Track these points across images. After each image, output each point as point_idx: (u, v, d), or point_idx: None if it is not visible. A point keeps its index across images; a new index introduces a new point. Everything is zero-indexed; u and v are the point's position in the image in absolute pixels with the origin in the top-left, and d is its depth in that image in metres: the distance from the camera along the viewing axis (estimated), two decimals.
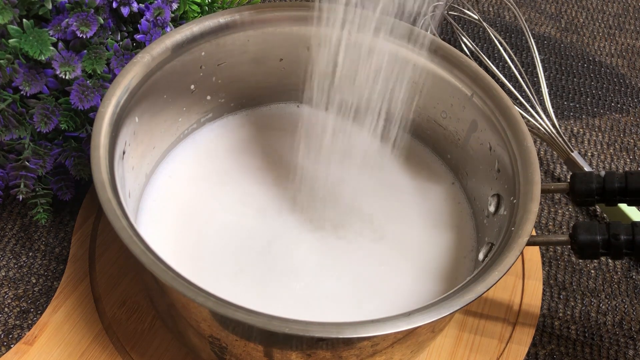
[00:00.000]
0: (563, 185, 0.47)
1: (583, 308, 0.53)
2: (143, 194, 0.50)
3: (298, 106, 0.58)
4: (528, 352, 0.50)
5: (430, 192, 0.53)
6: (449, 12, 0.72)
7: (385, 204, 0.52)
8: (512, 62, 0.69)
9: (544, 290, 0.54)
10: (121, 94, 0.45)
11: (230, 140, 0.55)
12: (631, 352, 0.51)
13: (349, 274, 0.48)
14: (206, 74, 0.52)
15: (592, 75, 0.72)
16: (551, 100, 0.69)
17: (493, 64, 0.65)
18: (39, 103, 0.48)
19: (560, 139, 0.61)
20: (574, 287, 0.55)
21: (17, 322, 0.49)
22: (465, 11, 0.70)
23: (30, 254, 0.53)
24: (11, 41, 0.46)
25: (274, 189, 0.52)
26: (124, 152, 0.45)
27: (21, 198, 0.49)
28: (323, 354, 0.39)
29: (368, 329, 0.36)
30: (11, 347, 0.47)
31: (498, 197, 0.48)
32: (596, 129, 0.67)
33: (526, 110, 0.62)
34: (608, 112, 0.69)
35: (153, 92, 0.48)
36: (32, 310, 0.50)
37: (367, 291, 0.47)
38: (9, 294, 0.50)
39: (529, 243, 0.41)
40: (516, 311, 0.51)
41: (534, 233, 0.57)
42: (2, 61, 0.46)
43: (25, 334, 0.48)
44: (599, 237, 0.42)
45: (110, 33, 0.51)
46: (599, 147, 0.65)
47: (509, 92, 0.63)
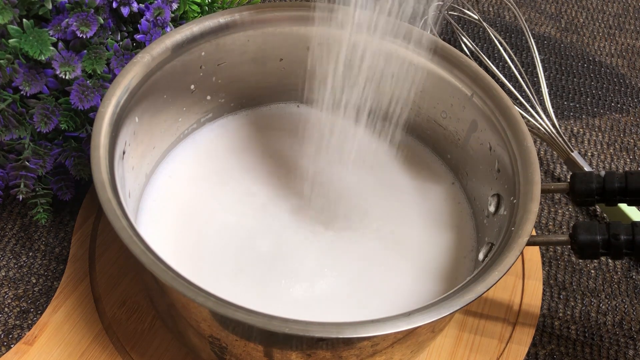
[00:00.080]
0: (563, 185, 0.47)
1: (583, 308, 0.53)
2: (143, 194, 0.50)
3: (298, 106, 0.58)
4: (528, 352, 0.50)
5: (430, 192, 0.53)
6: (449, 12, 0.72)
7: (385, 204, 0.52)
8: (512, 62, 0.69)
9: (544, 290, 0.54)
10: (121, 94, 0.45)
11: (230, 140, 0.55)
12: (631, 352, 0.51)
13: (349, 274, 0.48)
14: (206, 74, 0.52)
15: (592, 75, 0.72)
16: (551, 100, 0.69)
17: (493, 64, 0.65)
18: (39, 103, 0.48)
19: (560, 139, 0.61)
20: (574, 287, 0.55)
21: (17, 322, 0.49)
22: (465, 11, 0.70)
23: (30, 254, 0.53)
24: (11, 41, 0.46)
25: (274, 189, 0.52)
26: (124, 152, 0.45)
27: (21, 198, 0.49)
28: (323, 354, 0.39)
29: (368, 329, 0.36)
30: (11, 347, 0.47)
31: (498, 197, 0.48)
32: (596, 129, 0.67)
33: (526, 110, 0.62)
34: (608, 112, 0.69)
35: (153, 92, 0.48)
36: (32, 310, 0.50)
37: (367, 291, 0.47)
38: (9, 294, 0.50)
39: (529, 243, 0.41)
40: (516, 311, 0.51)
41: (534, 233, 0.57)
42: (2, 61, 0.46)
43: (25, 334, 0.48)
44: (599, 237, 0.42)
45: (110, 33, 0.51)
46: (599, 147, 0.65)
47: (509, 92, 0.63)
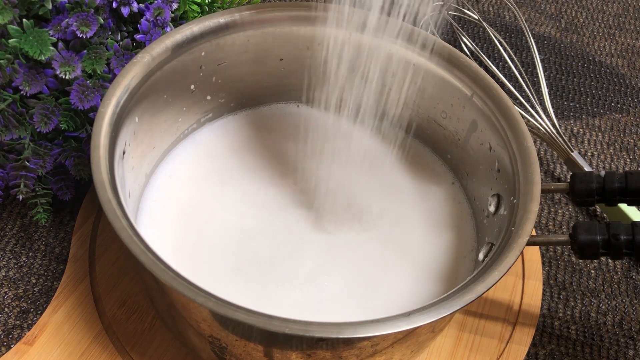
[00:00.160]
0: (563, 185, 0.47)
1: (583, 308, 0.53)
2: (143, 194, 0.50)
3: (298, 106, 0.58)
4: (528, 352, 0.50)
5: (430, 192, 0.53)
6: (449, 12, 0.72)
7: (385, 204, 0.52)
8: (512, 62, 0.69)
9: (544, 290, 0.54)
10: (121, 94, 0.45)
11: (230, 140, 0.55)
12: (631, 352, 0.51)
13: (349, 274, 0.48)
14: (206, 74, 0.52)
15: (592, 75, 0.72)
16: (551, 100, 0.69)
17: (493, 64, 0.65)
18: (39, 103, 0.48)
19: (560, 139, 0.61)
20: (574, 287, 0.55)
21: (17, 322, 0.49)
22: (465, 11, 0.70)
23: (30, 254, 0.53)
24: (11, 41, 0.46)
25: (274, 189, 0.52)
26: (124, 152, 0.45)
27: (21, 198, 0.49)
28: (323, 354, 0.39)
29: (368, 329, 0.36)
30: (11, 347, 0.47)
31: (498, 197, 0.48)
32: (596, 129, 0.67)
33: (526, 110, 0.62)
34: (608, 112, 0.69)
35: (153, 92, 0.48)
36: (32, 310, 0.50)
37: (367, 291, 0.47)
38: (9, 294, 0.50)
39: (529, 243, 0.41)
40: (516, 311, 0.51)
41: (534, 233, 0.57)
42: (2, 61, 0.46)
43: (25, 334, 0.48)
44: (599, 237, 0.42)
45: (110, 33, 0.51)
46: (599, 147, 0.65)
47: (509, 92, 0.63)
